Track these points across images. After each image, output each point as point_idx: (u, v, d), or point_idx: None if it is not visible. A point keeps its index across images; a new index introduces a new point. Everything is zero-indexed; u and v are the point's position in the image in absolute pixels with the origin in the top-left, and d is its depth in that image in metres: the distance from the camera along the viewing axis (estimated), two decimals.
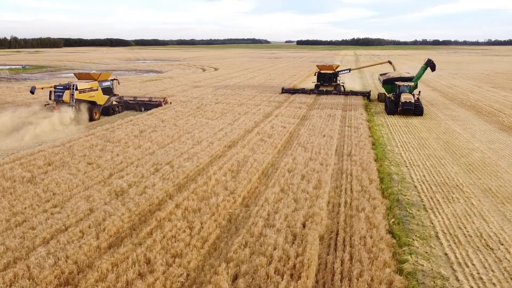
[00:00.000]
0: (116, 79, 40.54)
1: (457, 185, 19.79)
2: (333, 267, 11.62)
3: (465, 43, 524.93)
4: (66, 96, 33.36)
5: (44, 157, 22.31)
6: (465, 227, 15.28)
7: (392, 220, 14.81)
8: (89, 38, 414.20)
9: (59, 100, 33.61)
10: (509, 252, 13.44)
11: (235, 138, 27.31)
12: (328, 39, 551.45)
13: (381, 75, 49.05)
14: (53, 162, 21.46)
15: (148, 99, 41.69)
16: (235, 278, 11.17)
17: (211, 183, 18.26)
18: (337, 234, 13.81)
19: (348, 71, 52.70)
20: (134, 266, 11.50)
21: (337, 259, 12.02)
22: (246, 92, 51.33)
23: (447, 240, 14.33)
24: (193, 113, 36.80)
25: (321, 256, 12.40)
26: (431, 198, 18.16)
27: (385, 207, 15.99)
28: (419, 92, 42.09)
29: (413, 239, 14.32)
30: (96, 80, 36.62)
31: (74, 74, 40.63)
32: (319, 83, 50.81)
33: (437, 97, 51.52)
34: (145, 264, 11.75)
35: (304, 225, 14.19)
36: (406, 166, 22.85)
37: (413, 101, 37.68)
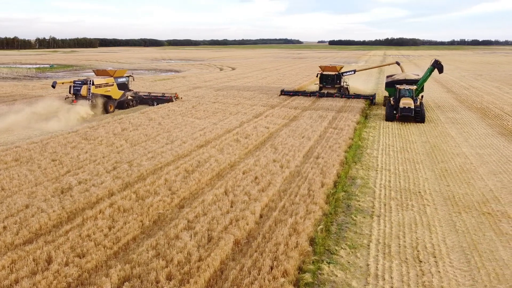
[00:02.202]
0: (131, 76, 43.13)
1: (419, 192, 18.70)
2: (229, 274, 11.11)
3: (506, 43, 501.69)
4: (83, 90, 36.39)
5: (16, 153, 22.83)
6: (404, 237, 14.34)
7: (321, 226, 14.06)
8: (124, 39, 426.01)
9: (77, 94, 36.70)
10: (437, 266, 12.47)
11: (211, 138, 27.04)
12: (362, 39, 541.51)
13: (387, 76, 46.79)
14: (21, 158, 21.90)
15: (161, 94, 44.14)
16: (124, 281, 10.88)
17: (158, 183, 18.07)
18: (254, 239, 13.26)
19: (353, 72, 49.76)
20: (31, 265, 11.43)
21: (237, 266, 11.49)
22: (247, 93, 50.94)
23: (377, 250, 13.47)
24: (185, 112, 36.83)
25: (224, 262, 11.90)
26: (384, 205, 17.21)
27: (322, 213, 15.23)
28: (422, 96, 40.02)
29: (341, 248, 13.57)
30: (112, 76, 39.54)
31: (92, 70, 44.87)
32: (321, 85, 48.43)
33: (447, 99, 49.29)
34: (45, 263, 11.66)
35: (226, 229, 13.72)
36: (376, 170, 21.84)
37: (412, 106, 34.19)
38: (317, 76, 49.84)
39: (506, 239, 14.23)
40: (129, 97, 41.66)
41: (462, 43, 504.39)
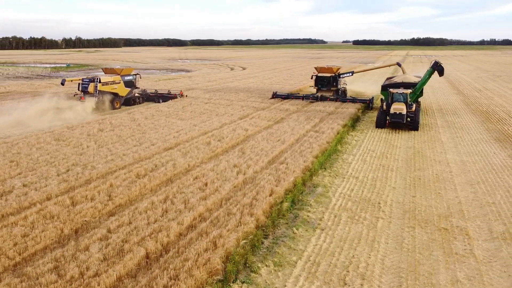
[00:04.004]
0: (138, 74, 44.86)
1: (379, 203, 17.29)
2: None
3: None
4: (91, 87, 38.20)
5: None
6: (339, 255, 13.07)
7: (244, 241, 12.94)
8: (147, 38, 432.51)
9: (85, 91, 38.39)
10: None
11: (183, 140, 26.22)
12: (387, 39, 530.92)
13: (387, 79, 43.88)
14: None
15: (166, 92, 45.80)
16: None
17: (101, 188, 17.34)
18: (167, 253, 12.27)
19: (350, 74, 47.14)
20: None
21: (130, 284, 10.55)
22: (244, 93, 49.85)
23: (303, 269, 12.27)
24: (172, 113, 36.17)
25: (121, 278, 10.96)
26: (335, 217, 15.92)
27: (255, 225, 14.10)
28: (418, 102, 37.82)
29: (265, 265, 12.44)
30: (119, 74, 41.22)
31: (101, 69, 46.16)
32: (317, 88, 44.99)
33: (453, 101, 46.90)
34: None
35: (142, 241, 12.80)
36: (344, 178, 20.49)
37: (404, 112, 30.90)
38: (311, 78, 46.53)
39: (453, 260, 12.76)
40: (136, 94, 43.42)
41: (492, 43, 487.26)
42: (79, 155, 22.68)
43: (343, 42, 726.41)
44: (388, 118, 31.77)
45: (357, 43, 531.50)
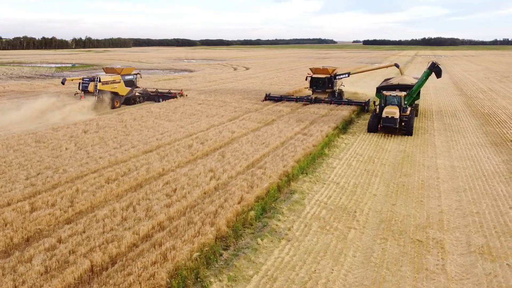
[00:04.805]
0: (139, 74, 45.49)
1: (355, 211, 16.39)
2: None
3: None
4: (90, 87, 38.68)
5: None
6: (300, 269, 12.23)
7: (197, 254, 12.15)
8: (157, 38, 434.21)
9: (85, 90, 38.89)
10: None
11: (165, 142, 25.54)
12: (397, 39, 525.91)
13: (385, 80, 42.41)
14: None
15: (167, 91, 46.35)
16: None
17: (66, 193, 16.70)
18: (113, 266, 11.56)
19: (346, 75, 45.70)
20: None
21: None
22: (240, 94, 49.11)
23: (258, 285, 11.46)
24: (162, 114, 35.53)
25: None
26: (305, 226, 15.08)
27: (213, 236, 13.32)
28: (415, 105, 36.66)
29: (218, 280, 11.65)
30: (119, 74, 41.71)
31: (102, 68, 46.70)
32: (312, 89, 43.32)
33: (454, 103, 45.56)
34: None
35: (90, 252, 12.10)
36: (324, 183, 19.61)
37: (397, 116, 29.22)
38: (306, 79, 44.86)
39: (422, 277, 11.84)
40: (137, 94, 43.82)
41: (505, 42, 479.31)
42: (55, 157, 22.13)
43: (353, 42, 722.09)
44: (377, 122, 30.39)
45: (367, 43, 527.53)
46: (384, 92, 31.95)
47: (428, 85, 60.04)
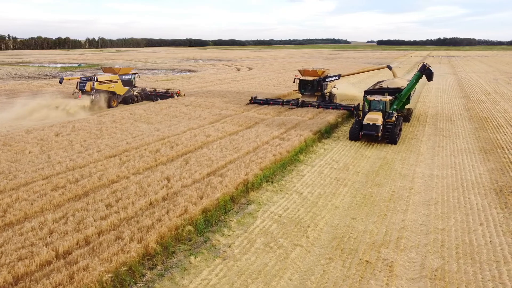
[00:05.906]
0: (137, 73, 45.64)
1: (308, 226, 15.13)
2: None
3: None
4: (88, 86, 38.66)
5: None
6: None
7: (109, 275, 11.06)
8: (169, 39, 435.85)
9: (83, 90, 38.96)
10: None
11: (133, 146, 24.58)
12: (412, 39, 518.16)
13: (377, 83, 40.30)
14: None
15: (164, 91, 46.45)
16: None
17: (4, 201, 15.82)
18: (15, 286, 10.57)
19: (337, 77, 43.06)
20: None
21: None
22: (231, 96, 48.03)
23: None
24: (143, 116, 34.63)
25: None
26: (248, 243, 13.89)
27: (138, 253, 12.21)
28: (408, 109, 34.90)
29: None
30: (117, 73, 41.64)
31: (101, 68, 47.10)
32: (300, 92, 41.29)
33: (453, 106, 43.65)
34: None
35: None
36: (287, 193, 18.38)
37: (379, 123, 27.01)
38: (294, 82, 42.38)
39: None
40: (135, 93, 43.94)
41: None
42: (13, 162, 21.34)
43: (368, 42, 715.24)
44: (359, 129, 28.03)
45: (381, 43, 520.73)
46: (369, 97, 29.84)
47: (431, 87, 58.22)
